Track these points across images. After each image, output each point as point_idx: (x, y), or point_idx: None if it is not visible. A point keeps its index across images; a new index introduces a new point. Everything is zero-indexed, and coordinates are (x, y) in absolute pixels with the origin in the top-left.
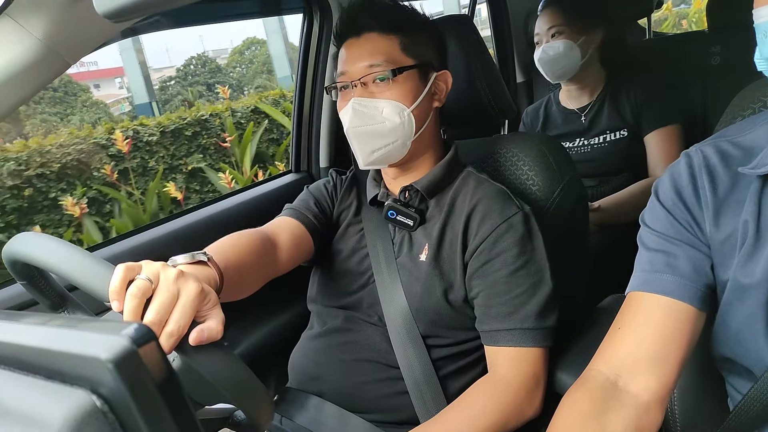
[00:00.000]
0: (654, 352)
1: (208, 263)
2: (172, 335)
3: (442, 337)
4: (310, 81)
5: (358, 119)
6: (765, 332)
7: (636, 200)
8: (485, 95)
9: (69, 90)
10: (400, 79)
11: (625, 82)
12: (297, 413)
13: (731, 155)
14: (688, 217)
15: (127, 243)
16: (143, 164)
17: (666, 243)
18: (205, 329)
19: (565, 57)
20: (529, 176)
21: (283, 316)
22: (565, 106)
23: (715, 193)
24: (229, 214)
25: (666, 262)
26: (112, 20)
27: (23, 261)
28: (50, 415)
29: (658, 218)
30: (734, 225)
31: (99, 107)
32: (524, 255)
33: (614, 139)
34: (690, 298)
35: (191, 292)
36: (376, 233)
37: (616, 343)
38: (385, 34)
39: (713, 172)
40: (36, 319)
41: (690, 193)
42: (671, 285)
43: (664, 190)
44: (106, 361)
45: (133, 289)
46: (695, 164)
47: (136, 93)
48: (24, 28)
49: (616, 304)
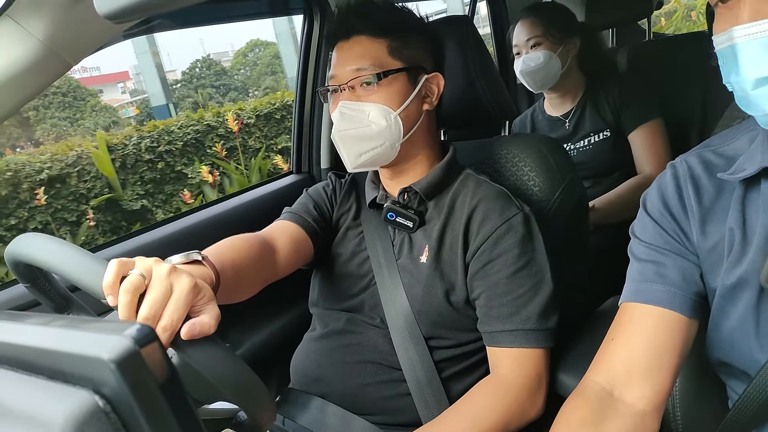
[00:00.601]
0: (647, 361)
1: (203, 262)
2: (165, 330)
3: (445, 338)
4: (311, 82)
5: (345, 123)
6: (755, 333)
7: (626, 199)
8: (485, 96)
9: (78, 95)
10: (386, 82)
11: (603, 84)
12: (299, 414)
13: (715, 164)
14: (676, 227)
15: (128, 245)
16: (243, 143)
17: (655, 253)
18: (197, 323)
19: (546, 67)
20: (530, 177)
21: (285, 317)
22: (550, 114)
23: (701, 202)
24: (231, 215)
25: (656, 272)
26: (113, 21)
27: (24, 262)
28: (52, 416)
29: (647, 229)
30: (721, 233)
31: (108, 111)
32: (525, 256)
33: (598, 140)
34: (680, 307)
35: (184, 287)
36: (376, 235)
37: (610, 354)
38: (373, 37)
39: (698, 182)
40: (38, 319)
41: (676, 204)
42: (662, 294)
43: (652, 202)
44: (109, 361)
45: (126, 284)
46: (680, 174)
47: (153, 96)
48: (25, 29)
49: (617, 307)
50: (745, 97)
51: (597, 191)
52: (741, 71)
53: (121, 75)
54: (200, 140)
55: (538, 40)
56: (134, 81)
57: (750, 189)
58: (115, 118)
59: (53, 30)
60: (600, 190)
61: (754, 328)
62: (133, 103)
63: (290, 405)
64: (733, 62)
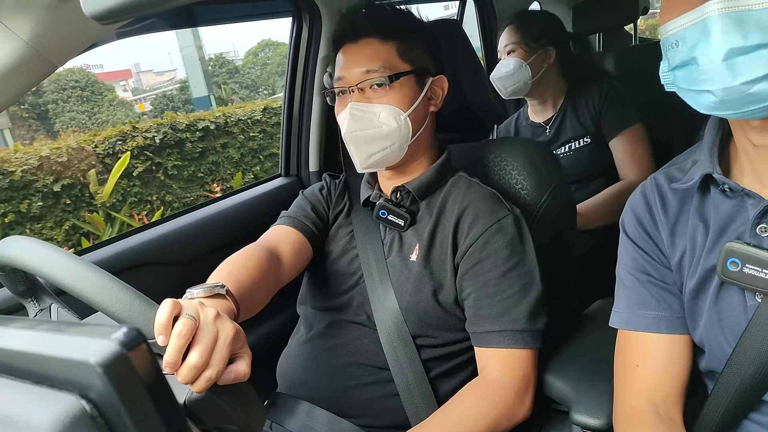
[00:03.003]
0: (674, 383)
1: (225, 296)
2: (210, 380)
3: (432, 337)
4: (300, 85)
5: (355, 124)
6: (720, 329)
7: (610, 204)
8: (474, 100)
9: (95, 89)
10: (397, 84)
11: (583, 90)
12: (287, 418)
13: (678, 179)
14: (653, 246)
15: (120, 245)
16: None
17: (640, 282)
18: (233, 371)
19: (516, 75)
20: (518, 180)
21: (272, 320)
22: (533, 121)
23: (667, 215)
24: (220, 217)
25: (645, 302)
26: (100, 22)
27: (69, 291)
28: (38, 420)
29: (630, 256)
30: (685, 242)
31: (124, 105)
32: (515, 257)
33: (578, 147)
34: (678, 329)
35: (229, 336)
36: (366, 234)
37: (641, 380)
38: (383, 40)
39: (664, 197)
40: (24, 323)
41: (649, 221)
42: (657, 321)
43: (629, 224)
44: (96, 365)
45: (182, 328)
46: (648, 192)
47: (195, 87)
48: (10, 30)
49: (604, 309)
50: (709, 71)
51: (581, 196)
52: (712, 44)
53: (123, 73)
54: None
55: (513, 48)
56: (134, 80)
57: (704, 197)
58: (131, 113)
59: (39, 31)
60: (584, 194)
61: (718, 323)
62: (138, 100)
63: (278, 410)
64: (704, 37)
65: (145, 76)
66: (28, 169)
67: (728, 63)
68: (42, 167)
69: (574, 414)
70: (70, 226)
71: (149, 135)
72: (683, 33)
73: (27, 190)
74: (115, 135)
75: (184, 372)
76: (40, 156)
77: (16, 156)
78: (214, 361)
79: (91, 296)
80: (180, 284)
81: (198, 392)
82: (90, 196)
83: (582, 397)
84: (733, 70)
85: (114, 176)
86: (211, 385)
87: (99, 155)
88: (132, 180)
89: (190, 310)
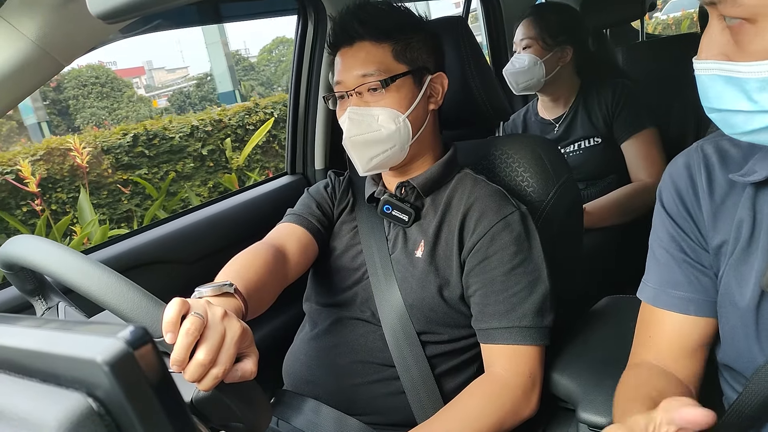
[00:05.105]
0: (684, 354)
1: (234, 294)
2: (216, 378)
3: (437, 333)
4: (305, 83)
5: (354, 128)
6: (756, 334)
7: (622, 205)
8: (480, 96)
9: (115, 86)
10: (393, 87)
11: (596, 89)
12: (293, 416)
13: (730, 156)
14: (692, 225)
15: (126, 244)
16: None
17: (675, 260)
18: (240, 370)
19: (529, 71)
20: (524, 177)
21: (278, 317)
22: (542, 117)
23: (713, 196)
24: (226, 215)
25: (676, 281)
26: (106, 21)
27: (79, 292)
28: (45, 418)
29: (666, 231)
30: (728, 230)
31: (143, 102)
32: (521, 253)
33: (588, 146)
34: (706, 312)
35: (236, 334)
36: (370, 230)
37: (653, 347)
38: (377, 42)
39: (711, 174)
40: (31, 322)
41: (690, 196)
42: (686, 303)
43: (668, 196)
44: (102, 363)
45: (190, 326)
46: (693, 164)
47: (220, 82)
48: (16, 29)
49: (611, 307)
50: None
51: (591, 193)
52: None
53: (137, 70)
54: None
55: (529, 43)
56: (146, 77)
57: (761, 191)
58: (149, 109)
59: (45, 30)
60: (594, 192)
61: (754, 329)
62: (153, 96)
63: (284, 407)
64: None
65: (158, 73)
66: (182, 136)
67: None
68: (192, 134)
69: (581, 412)
70: (213, 184)
71: (267, 111)
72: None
73: (182, 153)
74: (242, 110)
75: (192, 370)
76: (191, 125)
77: (171, 125)
78: (221, 360)
79: (98, 295)
80: (186, 283)
81: (205, 390)
82: (225, 160)
83: (589, 395)
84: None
85: (253, 141)
86: (217, 383)
87: (232, 126)
88: (255, 149)
89: (198, 309)
